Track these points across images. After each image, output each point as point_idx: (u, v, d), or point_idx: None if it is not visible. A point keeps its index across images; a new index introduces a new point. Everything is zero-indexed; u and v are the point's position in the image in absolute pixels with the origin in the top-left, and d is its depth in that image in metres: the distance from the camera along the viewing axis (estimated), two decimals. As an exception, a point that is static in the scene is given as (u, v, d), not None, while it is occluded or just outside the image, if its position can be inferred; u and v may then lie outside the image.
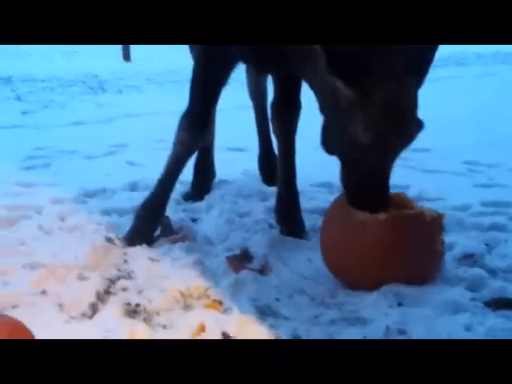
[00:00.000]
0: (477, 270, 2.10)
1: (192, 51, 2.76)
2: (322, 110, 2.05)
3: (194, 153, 2.45)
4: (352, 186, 2.03)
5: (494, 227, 2.53)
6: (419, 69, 1.88)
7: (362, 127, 1.83)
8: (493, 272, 2.12)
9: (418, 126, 1.91)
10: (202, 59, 2.33)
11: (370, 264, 1.98)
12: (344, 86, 1.80)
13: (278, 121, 2.49)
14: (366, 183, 1.98)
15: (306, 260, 2.23)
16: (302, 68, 2.07)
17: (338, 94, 1.83)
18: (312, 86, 2.10)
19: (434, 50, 1.88)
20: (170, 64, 8.94)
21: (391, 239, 1.95)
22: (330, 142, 2.03)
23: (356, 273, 2.02)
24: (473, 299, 1.91)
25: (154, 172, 2.47)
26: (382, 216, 1.95)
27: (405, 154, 3.68)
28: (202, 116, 2.34)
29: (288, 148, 2.50)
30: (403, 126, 1.88)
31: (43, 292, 1.91)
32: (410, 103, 1.89)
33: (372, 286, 1.97)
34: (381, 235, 1.95)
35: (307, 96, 2.23)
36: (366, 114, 1.82)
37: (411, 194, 2.90)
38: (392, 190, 2.92)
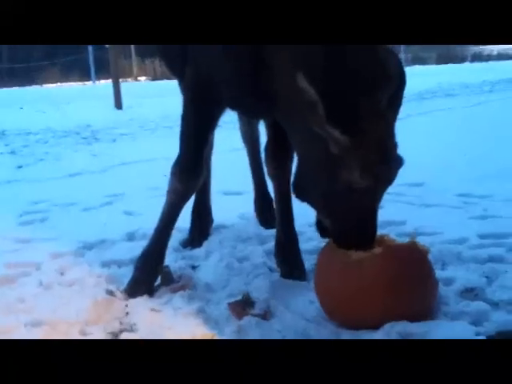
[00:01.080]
0: (479, 304, 2.09)
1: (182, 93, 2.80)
2: (302, 157, 2.06)
3: (188, 200, 2.45)
4: (339, 229, 2.04)
5: (493, 259, 2.53)
6: (396, 102, 1.91)
7: (357, 173, 1.86)
8: (495, 305, 2.12)
9: (400, 161, 1.93)
10: (188, 106, 2.35)
11: (375, 302, 1.95)
12: (339, 133, 1.82)
13: (272, 164, 2.51)
14: (356, 225, 2.00)
15: (308, 302, 2.22)
16: (288, 117, 2.08)
17: (331, 143, 1.85)
18: (292, 136, 2.12)
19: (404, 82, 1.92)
20: (162, 109, 9.06)
21: (393, 271, 1.94)
22: (307, 189, 2.05)
23: (359, 313, 2.01)
24: (477, 334, 1.91)
25: (151, 221, 2.48)
26: (378, 250, 1.96)
27: (399, 189, 3.74)
28: (193, 162, 2.33)
29: (283, 190, 2.51)
30: (393, 163, 1.91)
31: (46, 350, 1.90)
32: (393, 139, 1.92)
33: (377, 324, 1.96)
34: (382, 269, 1.94)
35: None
36: (360, 159, 1.85)
37: (408, 229, 2.93)
38: (389, 226, 2.97)
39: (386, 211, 3.34)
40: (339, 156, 1.86)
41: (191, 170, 2.33)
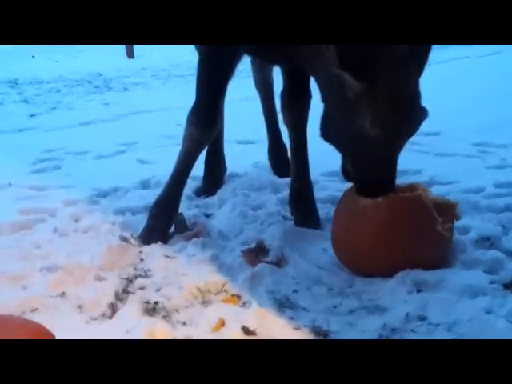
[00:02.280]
0: (494, 253, 2.09)
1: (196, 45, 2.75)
2: (325, 100, 2.04)
3: (204, 148, 2.45)
4: (359, 175, 2.03)
5: (509, 208, 2.51)
6: (420, 56, 1.87)
7: (369, 120, 1.83)
8: (510, 254, 2.11)
9: (423, 113, 1.91)
10: (206, 53, 2.31)
11: (373, 248, 1.99)
12: (351, 78, 1.79)
13: (288, 112, 2.48)
14: (373, 173, 1.98)
15: (322, 250, 2.23)
16: (307, 60, 2.06)
17: (346, 87, 1.82)
18: (316, 78, 2.10)
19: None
20: (174, 59, 8.94)
21: (386, 220, 1.96)
22: (331, 131, 2.03)
23: (363, 259, 2.03)
24: (492, 282, 1.90)
25: (164, 169, 2.48)
26: (379, 199, 1.97)
27: (415, 139, 3.68)
28: (210, 110, 2.32)
29: (299, 139, 2.49)
30: (409, 115, 1.88)
31: (62, 294, 1.92)
32: (413, 91, 1.88)
33: (382, 271, 1.97)
34: (377, 216, 1.97)
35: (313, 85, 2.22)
36: (373, 106, 1.82)
37: (423, 178, 2.90)
38: (404, 175, 2.93)
39: (401, 160, 3.30)
40: (354, 101, 1.83)
41: (208, 117, 2.32)
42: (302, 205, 2.51)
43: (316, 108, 2.39)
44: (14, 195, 2.94)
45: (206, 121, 2.32)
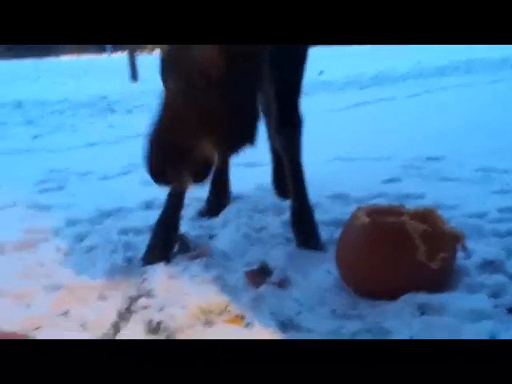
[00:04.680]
0: (498, 277, 2.08)
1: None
2: None
3: None
4: None
5: (513, 233, 2.51)
6: None
7: None
8: (514, 278, 2.10)
9: None
10: None
11: (367, 269, 2.01)
12: None
13: (280, 137, 2.48)
14: None
15: (325, 272, 2.22)
16: None
17: None
18: None
19: None
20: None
21: (369, 242, 2.03)
22: None
23: (361, 280, 2.05)
24: (496, 306, 1.89)
25: (166, 190, 2.48)
26: (367, 220, 2.04)
27: (418, 163, 3.71)
28: None
29: (293, 162, 2.49)
30: None
31: (65, 313, 1.91)
32: None
33: (394, 294, 1.98)
34: (364, 237, 2.05)
35: (316, 109, 2.25)
36: None
37: (426, 202, 2.90)
38: (407, 199, 2.95)
39: (405, 184, 3.33)
40: None
41: None
42: (303, 227, 2.51)
43: (315, 131, 2.42)
44: (18, 215, 2.96)
45: None
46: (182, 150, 1.87)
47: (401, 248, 1.99)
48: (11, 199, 3.20)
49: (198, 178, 1.95)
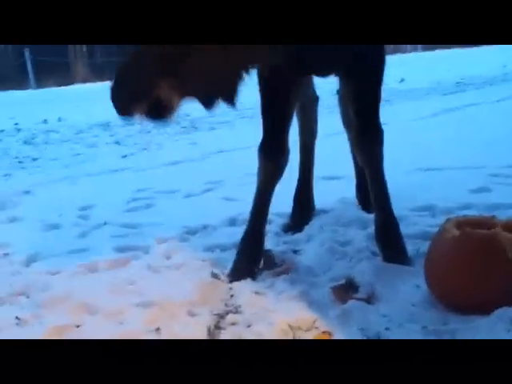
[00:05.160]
0: None
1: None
2: None
3: (277, 179, 2.45)
4: None
5: None
6: None
7: None
8: None
9: None
10: (261, 88, 2.37)
11: (457, 281, 1.97)
12: None
13: (360, 151, 2.44)
14: None
15: (414, 287, 2.17)
16: None
17: None
18: None
19: None
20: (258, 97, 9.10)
21: (459, 254, 1.98)
22: None
23: (452, 293, 2.00)
24: None
25: (250, 206, 2.52)
26: (458, 232, 2.00)
27: (508, 171, 3.57)
28: (276, 139, 2.38)
29: (375, 176, 2.45)
30: None
31: (157, 329, 1.97)
32: None
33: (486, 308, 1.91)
34: (454, 249, 1.99)
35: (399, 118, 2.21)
36: None
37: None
38: (498, 209, 2.84)
39: (494, 194, 3.22)
40: None
41: (275, 147, 2.38)
42: (388, 240, 2.46)
43: (398, 141, 2.38)
44: (109, 233, 3.08)
45: (273, 150, 2.38)
46: (144, 85, 1.95)
47: (493, 260, 1.94)
48: (103, 218, 3.34)
49: (156, 114, 2.02)
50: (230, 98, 2.06)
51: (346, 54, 2.19)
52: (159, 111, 2.02)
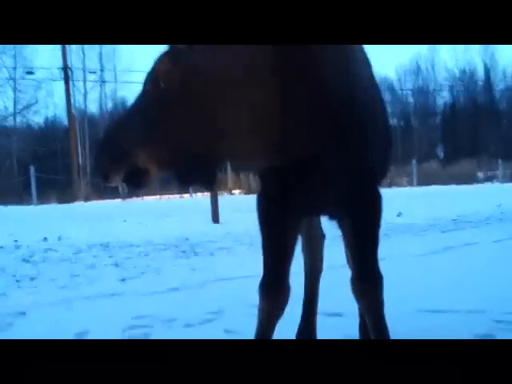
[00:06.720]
0: None
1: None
2: None
3: (277, 319, 2.36)
4: None
5: None
6: None
7: None
8: None
9: None
10: (259, 222, 2.32)
11: None
12: None
13: (361, 296, 2.32)
14: None
15: None
16: None
17: None
18: None
19: None
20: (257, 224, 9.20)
21: None
22: None
23: None
24: None
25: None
26: None
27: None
28: (275, 277, 2.27)
29: (376, 323, 2.34)
30: None
31: None
32: None
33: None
34: None
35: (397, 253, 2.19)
36: None
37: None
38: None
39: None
40: None
41: (274, 285, 2.27)
42: None
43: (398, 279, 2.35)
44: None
45: (272, 289, 2.27)
46: (123, 152, 1.95)
47: None
48: (99, 347, 3.24)
49: (131, 182, 2.03)
50: (208, 178, 2.06)
51: (336, 193, 2.13)
52: (136, 179, 2.03)
